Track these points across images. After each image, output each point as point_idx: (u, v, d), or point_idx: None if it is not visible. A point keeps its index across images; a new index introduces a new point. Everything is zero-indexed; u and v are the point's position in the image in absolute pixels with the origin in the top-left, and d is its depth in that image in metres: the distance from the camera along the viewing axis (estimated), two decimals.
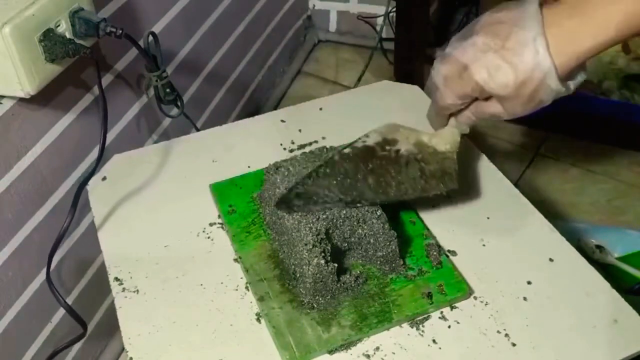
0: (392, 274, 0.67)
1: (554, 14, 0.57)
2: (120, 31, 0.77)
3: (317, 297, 0.64)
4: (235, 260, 0.71)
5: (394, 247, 0.66)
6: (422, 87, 0.88)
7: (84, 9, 0.75)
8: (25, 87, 0.71)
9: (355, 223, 0.66)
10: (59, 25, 0.73)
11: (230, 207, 0.76)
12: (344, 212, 0.66)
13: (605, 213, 1.30)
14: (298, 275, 0.65)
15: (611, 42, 0.56)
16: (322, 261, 0.62)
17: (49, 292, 0.78)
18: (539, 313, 0.65)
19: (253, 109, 1.52)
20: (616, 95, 1.47)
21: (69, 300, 0.94)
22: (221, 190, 0.78)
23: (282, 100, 1.65)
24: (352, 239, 0.67)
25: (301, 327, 0.63)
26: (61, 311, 0.92)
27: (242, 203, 0.76)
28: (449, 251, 0.71)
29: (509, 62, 0.57)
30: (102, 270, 1.00)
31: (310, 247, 0.62)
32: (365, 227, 0.66)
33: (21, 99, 0.76)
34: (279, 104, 1.64)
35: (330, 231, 0.65)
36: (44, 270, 0.82)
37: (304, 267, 0.63)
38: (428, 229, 0.73)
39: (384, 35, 1.73)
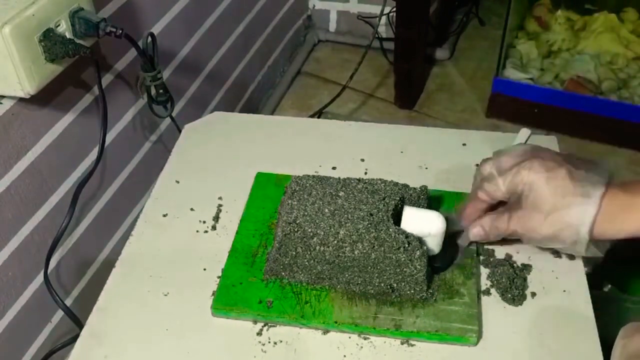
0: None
1: (614, 199, 0.60)
2: (120, 31, 0.77)
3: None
4: None
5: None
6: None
7: (84, 9, 0.75)
8: (25, 87, 0.71)
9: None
10: (59, 25, 0.73)
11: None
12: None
13: None
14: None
15: None
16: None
17: (48, 292, 0.78)
18: None
19: (253, 109, 1.52)
20: (616, 96, 1.48)
21: (69, 300, 0.94)
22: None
23: (282, 100, 1.65)
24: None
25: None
26: (61, 311, 0.92)
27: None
28: None
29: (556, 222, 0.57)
30: (102, 270, 1.01)
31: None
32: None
33: (21, 99, 0.76)
34: (279, 103, 1.64)
35: None
36: (44, 271, 0.82)
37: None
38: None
39: (384, 35, 1.73)
